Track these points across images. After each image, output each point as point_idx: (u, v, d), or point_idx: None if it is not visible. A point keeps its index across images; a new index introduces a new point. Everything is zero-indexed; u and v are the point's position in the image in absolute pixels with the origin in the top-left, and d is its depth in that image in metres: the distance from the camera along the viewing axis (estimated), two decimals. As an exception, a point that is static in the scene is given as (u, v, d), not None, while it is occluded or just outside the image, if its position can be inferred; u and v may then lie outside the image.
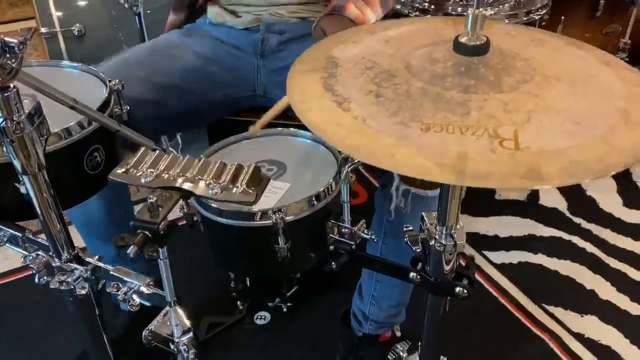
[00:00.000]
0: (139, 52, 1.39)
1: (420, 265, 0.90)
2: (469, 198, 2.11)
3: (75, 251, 0.84)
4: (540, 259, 1.88)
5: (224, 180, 0.69)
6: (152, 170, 0.70)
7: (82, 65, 1.11)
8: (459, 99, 0.61)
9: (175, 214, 2.12)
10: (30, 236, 0.88)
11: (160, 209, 0.63)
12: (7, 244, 0.89)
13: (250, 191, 0.67)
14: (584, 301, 1.72)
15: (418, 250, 0.87)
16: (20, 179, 0.80)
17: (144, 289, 0.77)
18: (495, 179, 0.50)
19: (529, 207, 2.10)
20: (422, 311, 0.96)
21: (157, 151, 0.72)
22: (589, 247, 1.92)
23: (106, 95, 1.00)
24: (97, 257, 0.85)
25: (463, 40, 0.69)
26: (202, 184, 0.68)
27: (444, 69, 0.66)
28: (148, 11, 2.07)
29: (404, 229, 0.89)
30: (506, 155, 0.52)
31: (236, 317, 1.65)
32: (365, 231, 0.92)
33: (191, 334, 0.73)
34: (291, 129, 1.08)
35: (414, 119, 0.58)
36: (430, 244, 0.85)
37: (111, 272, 0.81)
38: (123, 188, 1.39)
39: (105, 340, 0.95)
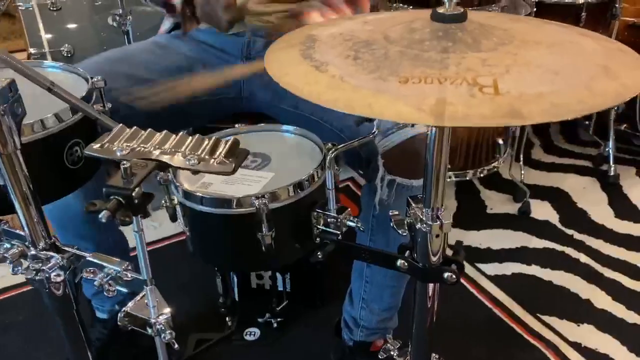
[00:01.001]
0: (123, 50, 1.40)
1: (407, 252, 0.88)
2: (460, 213, 2.12)
3: (52, 240, 0.81)
4: (533, 269, 1.85)
5: (202, 152, 0.67)
6: (129, 144, 0.68)
7: (64, 65, 1.10)
8: (437, 57, 0.60)
9: (170, 230, 2.09)
10: (6, 227, 0.85)
11: (134, 176, 0.61)
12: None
13: (229, 161, 0.66)
14: (580, 310, 1.69)
15: (404, 233, 0.85)
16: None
17: (122, 275, 0.75)
18: (475, 119, 0.49)
19: (520, 220, 2.09)
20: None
21: (134, 128, 0.71)
22: (583, 258, 1.90)
23: (87, 90, 0.99)
24: (75, 247, 0.83)
25: (441, 11, 0.70)
26: (179, 155, 0.67)
27: (421, 35, 0.66)
28: (138, 34, 2.09)
29: (390, 213, 0.87)
30: (486, 99, 0.51)
31: (224, 333, 1.60)
32: (352, 218, 0.90)
33: (169, 314, 0.71)
34: (276, 124, 1.07)
35: (392, 74, 0.57)
36: (417, 227, 0.84)
37: (88, 258, 0.78)
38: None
39: (85, 342, 0.92)
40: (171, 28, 1.43)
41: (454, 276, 0.85)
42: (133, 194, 0.60)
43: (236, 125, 1.08)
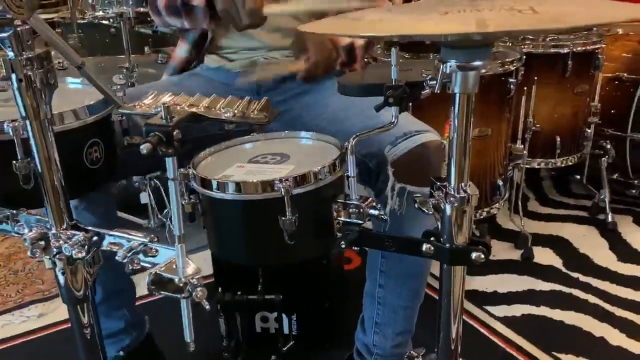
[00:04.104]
0: (137, 89, 1.42)
1: (432, 238, 0.87)
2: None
3: (74, 221, 0.80)
4: (543, 310, 1.82)
5: (237, 108, 0.68)
6: (164, 104, 0.69)
7: (85, 80, 1.13)
8: (468, 3, 0.63)
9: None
10: (25, 214, 0.83)
11: (173, 118, 0.61)
12: (-2, 226, 0.84)
13: (263, 115, 0.67)
14: (595, 348, 1.64)
15: (430, 212, 0.84)
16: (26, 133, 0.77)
17: (148, 246, 0.72)
18: (520, 26, 0.51)
19: (524, 265, 2.08)
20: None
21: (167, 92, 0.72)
22: (591, 298, 1.87)
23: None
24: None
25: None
26: (214, 109, 0.67)
27: (449, -6, 0.69)
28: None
29: (414, 197, 0.87)
30: (526, 16, 0.53)
31: (229, 377, 1.52)
32: (375, 205, 0.90)
33: (200, 274, 0.68)
34: (293, 131, 1.09)
35: (431, 11, 0.60)
36: (442, 206, 0.83)
37: (111, 234, 0.76)
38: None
39: (98, 341, 0.87)
40: (185, 56, 1.47)
41: (482, 256, 0.84)
42: (174, 133, 0.60)
43: (252, 134, 1.10)
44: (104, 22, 2.10)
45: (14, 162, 0.85)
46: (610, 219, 2.30)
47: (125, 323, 1.40)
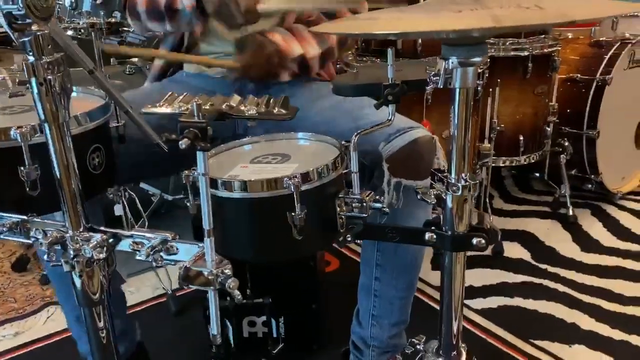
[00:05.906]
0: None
1: (434, 227, 0.92)
2: (436, 257, 2.16)
3: (90, 224, 0.80)
4: (517, 301, 1.90)
5: (259, 106, 0.71)
6: (185, 104, 0.71)
7: (83, 88, 1.13)
8: (474, 5, 0.68)
9: (148, 294, 2.02)
10: (35, 219, 0.83)
11: (205, 115, 0.64)
12: (6, 234, 0.84)
13: (286, 111, 0.70)
14: (568, 333, 1.73)
15: (432, 202, 0.89)
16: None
17: (169, 243, 0.74)
18: (530, 21, 0.56)
19: (495, 260, 2.16)
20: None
21: (186, 93, 0.74)
22: (560, 287, 1.97)
23: (104, 102, 1.02)
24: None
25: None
26: (237, 107, 0.70)
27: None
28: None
29: (415, 188, 0.91)
30: (534, 11, 0.59)
31: (220, 381, 1.53)
32: (377, 198, 0.94)
33: (230, 264, 0.70)
34: (290, 132, 1.12)
35: (444, 10, 0.64)
36: (443, 196, 0.88)
37: (129, 234, 0.77)
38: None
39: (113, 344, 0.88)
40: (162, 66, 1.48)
41: (483, 241, 0.89)
42: (208, 127, 0.62)
43: (248, 137, 1.12)
44: (69, 33, 2.06)
45: (21, 168, 0.85)
46: (571, 213, 2.42)
47: (118, 332, 1.39)
